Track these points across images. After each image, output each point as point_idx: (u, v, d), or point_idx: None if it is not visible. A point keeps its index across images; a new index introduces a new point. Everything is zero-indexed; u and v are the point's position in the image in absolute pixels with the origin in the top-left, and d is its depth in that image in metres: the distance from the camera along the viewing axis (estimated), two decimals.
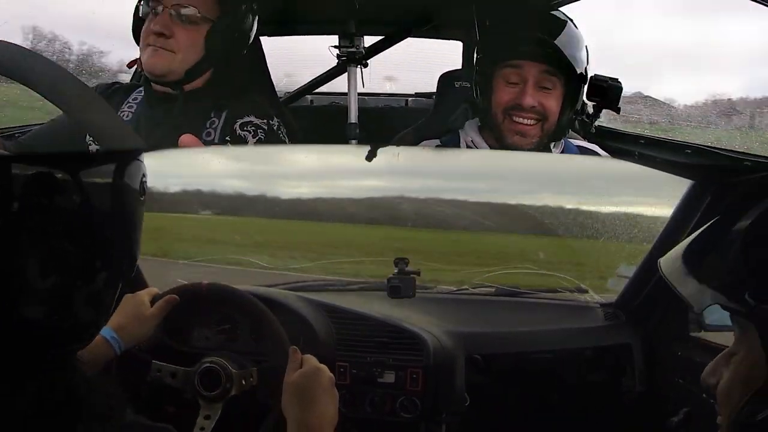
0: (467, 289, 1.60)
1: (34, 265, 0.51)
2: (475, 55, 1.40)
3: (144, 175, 0.60)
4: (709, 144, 1.72)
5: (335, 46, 1.94)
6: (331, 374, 0.92)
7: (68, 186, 0.52)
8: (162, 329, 1.16)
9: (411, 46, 2.23)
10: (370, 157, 1.12)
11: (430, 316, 1.34)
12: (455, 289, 1.61)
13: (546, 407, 1.37)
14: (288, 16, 1.99)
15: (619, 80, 1.34)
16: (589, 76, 1.33)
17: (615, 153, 1.78)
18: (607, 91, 1.31)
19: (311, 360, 0.92)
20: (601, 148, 1.51)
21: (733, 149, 1.63)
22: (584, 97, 1.35)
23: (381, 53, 2.10)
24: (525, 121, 1.28)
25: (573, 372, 1.37)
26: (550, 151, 1.37)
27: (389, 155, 1.18)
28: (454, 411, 1.23)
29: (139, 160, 0.59)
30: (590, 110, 1.38)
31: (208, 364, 0.99)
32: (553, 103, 1.28)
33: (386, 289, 1.33)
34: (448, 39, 2.23)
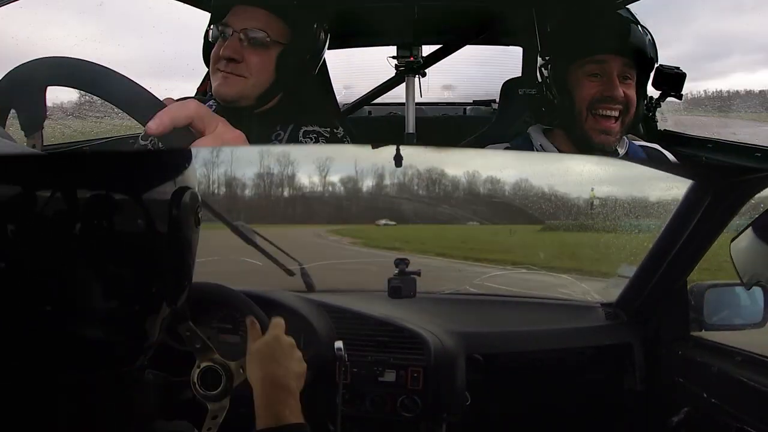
0: (467, 288, 1.60)
1: (81, 284, 0.51)
2: (541, 58, 1.40)
3: (199, 206, 0.59)
4: None
5: (393, 57, 1.95)
6: (291, 339, 0.92)
7: (122, 207, 0.52)
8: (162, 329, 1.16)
9: (469, 54, 2.22)
10: (398, 161, 1.13)
11: (430, 316, 1.34)
12: (455, 288, 1.62)
13: (547, 406, 1.37)
14: (347, 29, 1.98)
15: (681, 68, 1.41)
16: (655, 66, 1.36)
17: (681, 158, 1.77)
18: (675, 79, 1.38)
19: (271, 328, 0.93)
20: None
21: None
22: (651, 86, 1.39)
23: (439, 62, 2.09)
24: (611, 113, 1.28)
25: (574, 371, 1.37)
26: (616, 151, 1.38)
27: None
28: (454, 410, 1.23)
29: (194, 190, 0.58)
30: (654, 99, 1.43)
31: (206, 364, 0.99)
32: (633, 93, 1.29)
33: (387, 290, 1.33)
34: (508, 45, 2.20)
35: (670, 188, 1.34)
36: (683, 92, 1.40)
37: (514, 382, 1.35)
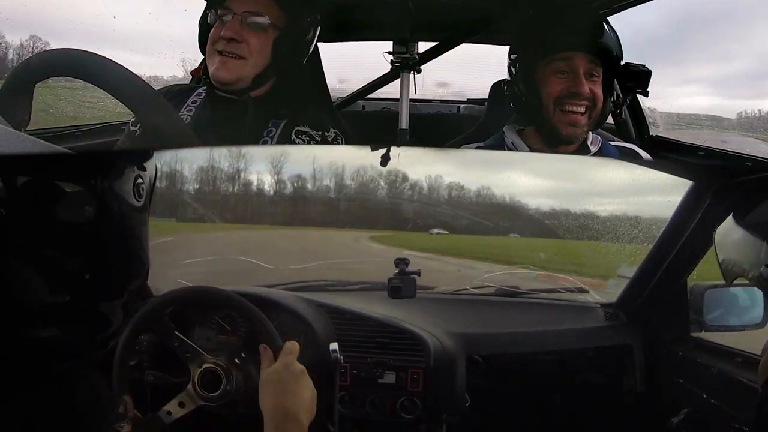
0: (467, 289, 1.60)
1: (31, 277, 0.50)
2: (509, 57, 1.43)
3: (139, 178, 0.57)
4: None
5: (389, 52, 1.95)
6: (302, 366, 0.91)
7: (55, 193, 0.51)
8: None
9: (464, 52, 2.21)
10: (384, 161, 1.12)
11: (430, 317, 1.34)
12: (455, 289, 1.61)
13: (547, 407, 1.37)
14: (343, 22, 1.99)
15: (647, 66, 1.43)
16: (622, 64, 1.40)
17: (672, 163, 1.78)
18: (640, 76, 1.40)
19: (283, 355, 0.92)
20: (657, 158, 1.52)
21: None
22: (616, 83, 1.41)
23: (434, 59, 2.08)
24: (577, 109, 1.31)
25: (574, 372, 1.37)
26: (588, 148, 1.39)
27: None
28: (454, 411, 1.23)
29: (128, 162, 0.57)
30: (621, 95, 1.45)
31: (207, 365, 0.99)
32: (599, 90, 1.33)
33: (387, 290, 1.33)
34: (503, 44, 2.20)
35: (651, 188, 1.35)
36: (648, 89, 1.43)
37: (513, 384, 1.35)
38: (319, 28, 1.39)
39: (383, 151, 1.13)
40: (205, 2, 1.37)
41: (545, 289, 1.60)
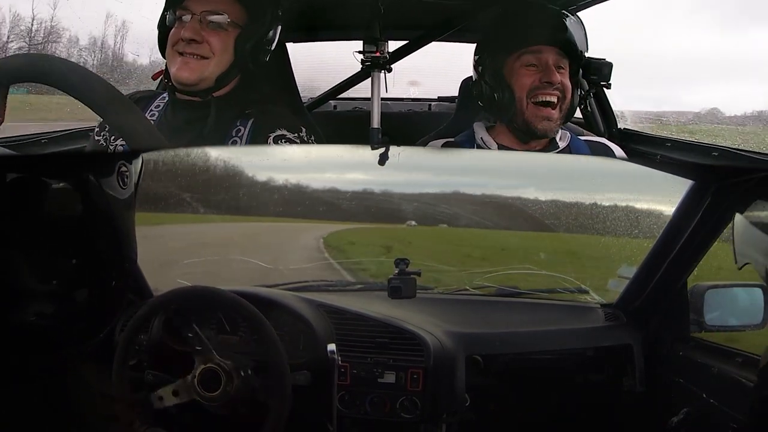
0: (467, 289, 1.60)
1: (24, 269, 0.50)
2: (478, 54, 1.45)
3: (123, 166, 0.57)
4: (737, 146, 1.72)
5: (359, 52, 1.96)
6: None
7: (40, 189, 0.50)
8: (161, 331, 1.16)
9: (435, 51, 2.22)
10: (383, 160, 1.13)
11: (430, 317, 1.34)
12: (455, 289, 1.61)
13: (546, 408, 1.37)
14: (312, 22, 2.00)
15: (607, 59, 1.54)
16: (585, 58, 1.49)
17: (639, 155, 1.81)
18: (602, 68, 1.47)
19: None
20: (625, 150, 1.55)
21: (761, 151, 1.63)
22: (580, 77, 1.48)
23: (405, 58, 2.11)
24: (550, 99, 1.37)
25: (573, 372, 1.37)
26: (556, 144, 1.42)
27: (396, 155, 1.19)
28: (454, 411, 1.23)
29: (113, 154, 0.57)
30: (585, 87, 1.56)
31: (206, 366, 0.99)
32: (567, 81, 1.39)
33: (387, 290, 1.33)
34: (472, 42, 2.23)
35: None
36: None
37: (513, 384, 1.35)
38: (280, 24, 1.38)
39: (382, 150, 1.14)
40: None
41: (545, 289, 1.60)
